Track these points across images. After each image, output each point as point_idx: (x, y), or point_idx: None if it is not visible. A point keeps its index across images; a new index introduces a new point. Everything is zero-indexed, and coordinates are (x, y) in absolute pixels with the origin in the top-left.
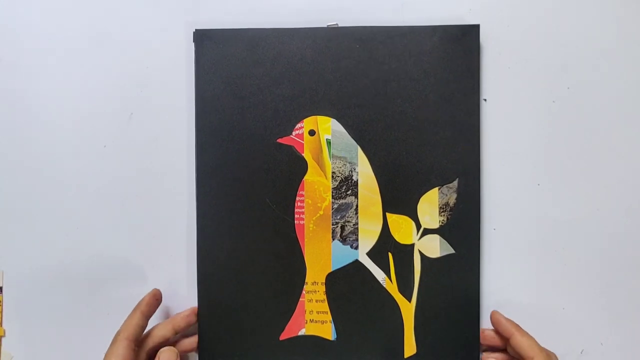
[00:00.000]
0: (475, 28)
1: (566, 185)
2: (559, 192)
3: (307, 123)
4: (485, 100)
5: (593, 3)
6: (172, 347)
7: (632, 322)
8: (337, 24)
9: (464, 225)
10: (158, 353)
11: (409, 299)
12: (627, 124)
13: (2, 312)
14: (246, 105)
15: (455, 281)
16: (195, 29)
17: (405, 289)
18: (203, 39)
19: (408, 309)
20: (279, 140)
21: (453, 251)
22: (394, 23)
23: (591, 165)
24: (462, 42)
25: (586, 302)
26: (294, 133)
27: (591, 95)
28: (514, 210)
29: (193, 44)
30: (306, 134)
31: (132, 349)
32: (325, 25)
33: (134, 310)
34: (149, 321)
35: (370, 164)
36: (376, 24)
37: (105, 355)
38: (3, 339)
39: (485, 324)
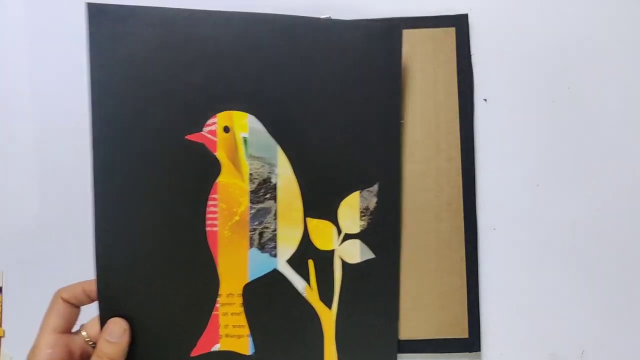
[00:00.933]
0: (397, 26)
1: (566, 186)
2: (559, 192)
3: (221, 118)
4: (485, 100)
5: (593, 3)
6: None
7: (633, 322)
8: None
9: (383, 229)
10: (107, 322)
11: (330, 307)
12: (627, 123)
13: (1, 312)
14: (150, 94)
15: (376, 286)
16: (88, 2)
17: (326, 297)
18: (98, 14)
19: (329, 318)
20: (188, 137)
21: (373, 255)
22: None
23: (591, 165)
24: (384, 40)
25: (586, 303)
26: (205, 129)
27: (591, 95)
28: (513, 211)
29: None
30: (220, 131)
31: (71, 307)
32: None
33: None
34: None
35: (291, 165)
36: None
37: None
38: (3, 340)
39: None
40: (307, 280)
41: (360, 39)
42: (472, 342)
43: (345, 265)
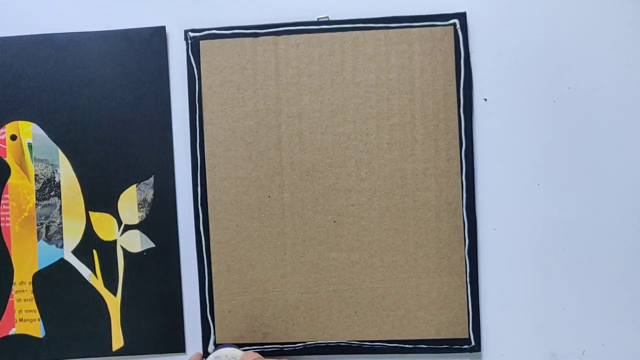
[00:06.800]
0: (161, 29)
1: (566, 185)
2: (559, 192)
3: (9, 128)
4: (485, 100)
5: (593, 3)
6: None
7: (633, 322)
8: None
9: (162, 219)
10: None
11: (115, 293)
12: (627, 123)
13: None
14: None
15: (158, 273)
16: None
17: (110, 284)
18: None
19: (114, 303)
20: None
21: (153, 245)
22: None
23: (591, 165)
24: (150, 44)
25: (587, 303)
26: None
27: (591, 95)
28: (514, 210)
29: None
30: (8, 139)
31: None
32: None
33: None
34: None
35: (72, 165)
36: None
37: None
38: None
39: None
40: (93, 268)
41: (127, 46)
42: (472, 342)
43: (127, 254)
